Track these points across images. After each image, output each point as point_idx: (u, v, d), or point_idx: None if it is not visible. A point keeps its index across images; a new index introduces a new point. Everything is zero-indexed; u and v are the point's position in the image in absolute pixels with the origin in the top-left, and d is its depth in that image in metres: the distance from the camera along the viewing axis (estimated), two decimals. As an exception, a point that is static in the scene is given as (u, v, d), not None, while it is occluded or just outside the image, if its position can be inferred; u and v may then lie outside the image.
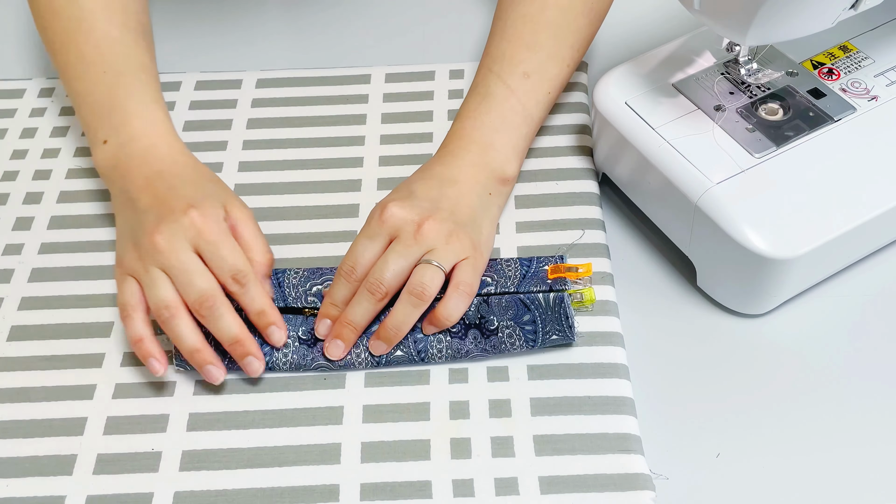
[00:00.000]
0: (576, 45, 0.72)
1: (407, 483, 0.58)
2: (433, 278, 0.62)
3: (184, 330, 0.61)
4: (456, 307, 0.62)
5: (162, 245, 0.61)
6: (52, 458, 0.60)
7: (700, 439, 0.61)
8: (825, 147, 0.66)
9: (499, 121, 0.69)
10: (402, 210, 0.63)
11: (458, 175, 0.67)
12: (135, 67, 0.72)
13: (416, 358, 0.63)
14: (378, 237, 0.63)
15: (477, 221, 0.66)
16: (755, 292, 0.65)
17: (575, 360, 0.63)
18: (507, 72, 0.70)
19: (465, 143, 0.69)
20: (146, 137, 0.69)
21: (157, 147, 0.69)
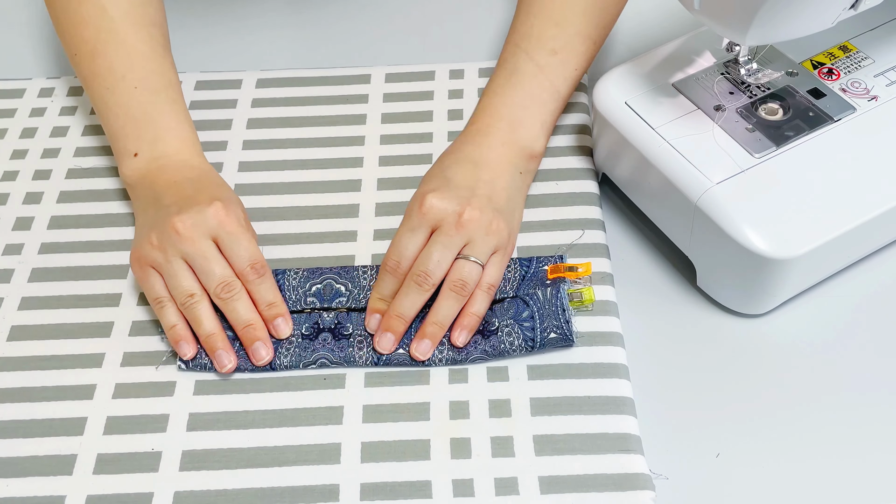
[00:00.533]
0: (602, 23, 0.73)
1: (407, 483, 0.58)
2: (471, 273, 0.63)
3: (203, 315, 0.63)
4: (482, 304, 0.64)
5: (183, 230, 0.63)
6: (52, 458, 0.60)
7: (700, 439, 0.61)
8: (825, 147, 0.66)
9: (527, 97, 0.70)
10: (442, 201, 0.64)
11: (489, 155, 0.68)
12: (166, 85, 0.73)
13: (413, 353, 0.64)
14: (420, 229, 0.64)
15: (512, 204, 0.67)
16: (755, 292, 0.65)
17: (575, 360, 0.63)
18: (535, 48, 0.71)
19: (495, 121, 0.70)
20: (178, 154, 0.71)
21: (188, 162, 0.70)
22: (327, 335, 0.65)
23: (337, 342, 0.64)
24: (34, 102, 0.84)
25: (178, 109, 0.72)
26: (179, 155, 0.70)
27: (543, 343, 0.63)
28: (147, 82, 0.72)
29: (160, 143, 0.71)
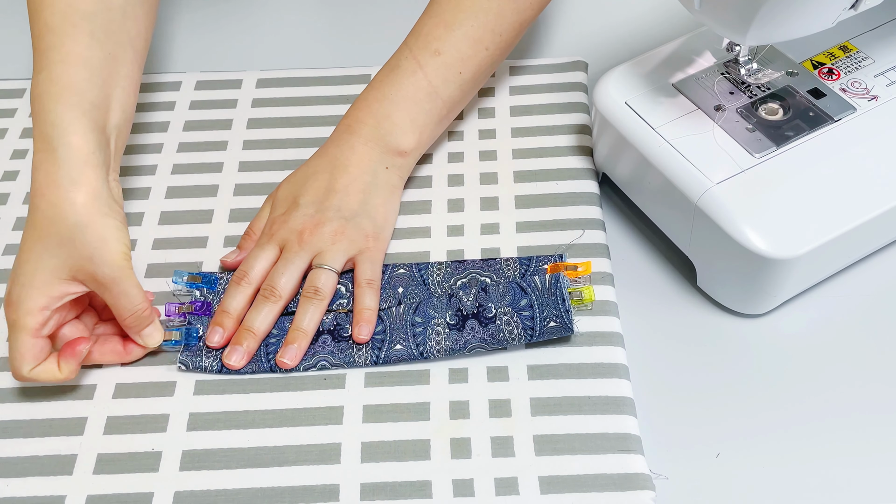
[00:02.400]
0: (498, 29, 0.72)
1: (407, 483, 0.58)
2: (326, 280, 0.65)
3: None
4: (370, 300, 0.65)
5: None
6: (52, 458, 0.60)
7: (700, 439, 0.61)
8: (825, 147, 0.66)
9: (400, 94, 0.71)
10: (285, 224, 0.67)
11: (349, 157, 0.70)
12: (53, 60, 0.64)
13: (415, 352, 0.63)
14: (268, 246, 0.67)
15: (369, 205, 0.69)
16: (755, 292, 0.65)
17: (575, 360, 0.63)
18: (420, 47, 0.71)
19: (364, 115, 0.71)
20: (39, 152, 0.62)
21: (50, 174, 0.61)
22: (327, 337, 0.65)
23: (337, 344, 0.64)
24: (34, 102, 0.84)
25: (49, 89, 0.63)
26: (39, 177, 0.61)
27: (543, 332, 0.63)
28: (39, 61, 0.64)
29: (36, 144, 0.62)
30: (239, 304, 0.65)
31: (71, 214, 0.60)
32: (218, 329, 0.64)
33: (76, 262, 0.60)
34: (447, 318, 0.64)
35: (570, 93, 0.81)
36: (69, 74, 0.63)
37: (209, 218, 0.74)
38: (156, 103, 0.83)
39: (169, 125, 0.81)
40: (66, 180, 0.60)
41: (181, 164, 0.78)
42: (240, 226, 0.73)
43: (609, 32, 0.87)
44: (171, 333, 0.65)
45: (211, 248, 0.72)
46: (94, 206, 0.60)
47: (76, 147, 0.61)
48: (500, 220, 0.72)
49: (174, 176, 0.77)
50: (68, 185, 0.60)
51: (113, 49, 0.66)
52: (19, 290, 0.60)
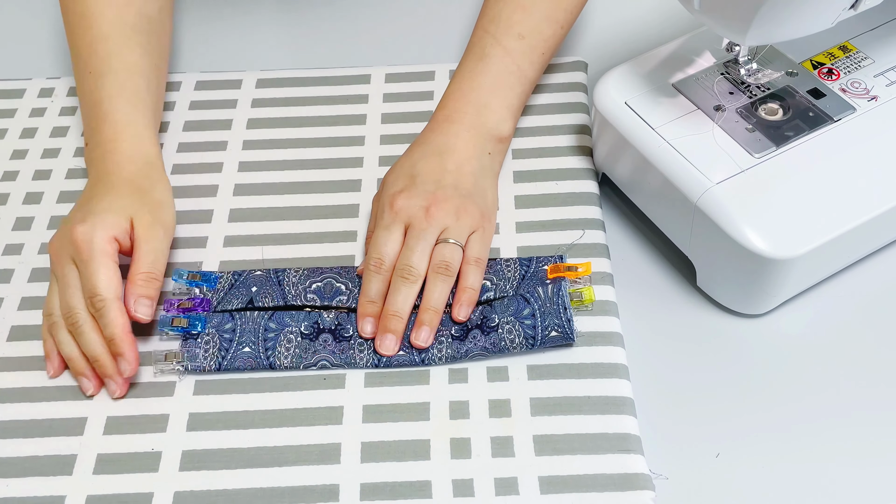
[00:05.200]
0: (569, 7, 0.74)
1: (407, 483, 0.58)
2: (453, 253, 0.65)
3: (62, 338, 0.63)
4: (475, 278, 0.65)
5: (52, 254, 0.65)
6: (52, 458, 0.60)
7: (700, 439, 0.61)
8: (825, 147, 0.66)
9: (494, 81, 0.71)
10: (409, 199, 0.66)
11: (455, 143, 0.69)
12: (118, 67, 0.71)
13: (416, 358, 0.63)
14: (394, 226, 0.66)
15: (480, 187, 0.69)
16: (755, 292, 0.65)
17: (575, 360, 0.63)
18: (503, 33, 0.72)
19: (462, 105, 0.71)
20: (112, 142, 0.69)
21: (115, 153, 0.68)
22: (328, 336, 0.65)
23: (338, 344, 0.64)
24: (34, 102, 0.84)
25: (120, 93, 0.70)
26: (113, 143, 0.69)
27: (544, 341, 0.63)
28: (99, 66, 0.71)
29: (98, 131, 0.70)
30: (381, 289, 0.64)
31: (152, 170, 0.68)
32: (369, 319, 0.64)
33: (143, 207, 0.65)
34: (452, 331, 0.64)
35: (569, 93, 0.81)
36: (134, 81, 0.70)
37: (209, 218, 0.74)
38: (156, 103, 0.83)
39: (169, 125, 0.81)
40: (146, 147, 0.69)
41: (181, 165, 0.78)
42: (240, 226, 0.73)
43: (609, 32, 0.87)
44: (179, 320, 0.65)
45: (211, 248, 0.72)
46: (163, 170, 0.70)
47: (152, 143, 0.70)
48: (501, 220, 0.72)
49: (174, 176, 0.77)
50: (150, 149, 0.69)
51: (157, 60, 0.73)
52: (91, 226, 0.63)
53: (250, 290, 0.67)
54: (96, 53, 0.71)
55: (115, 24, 0.72)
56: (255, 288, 0.67)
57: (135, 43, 0.72)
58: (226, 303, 0.67)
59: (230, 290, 0.67)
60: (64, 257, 0.63)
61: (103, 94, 0.70)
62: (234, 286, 0.68)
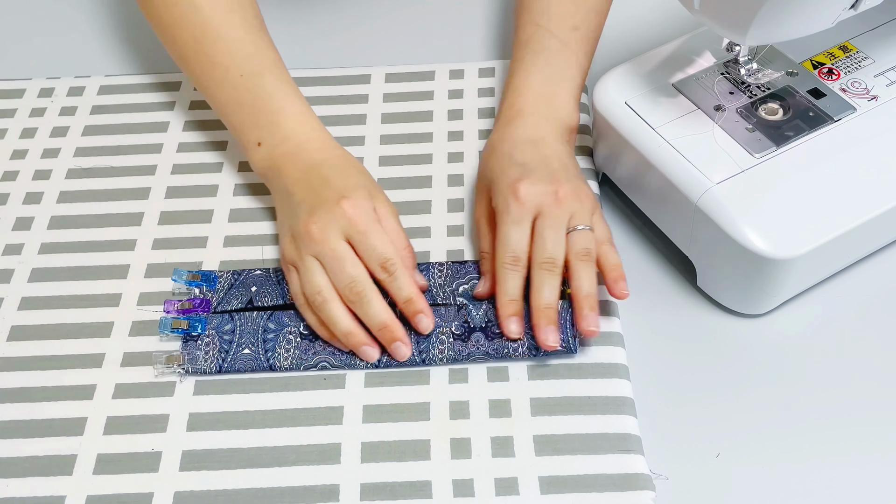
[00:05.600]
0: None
1: (407, 483, 0.58)
2: (588, 240, 0.63)
3: (338, 314, 0.62)
4: (613, 256, 0.64)
5: (315, 233, 0.63)
6: (52, 458, 0.60)
7: (700, 439, 0.61)
8: (825, 147, 0.66)
9: (558, 74, 0.72)
10: (535, 185, 0.64)
11: (541, 133, 0.69)
12: (269, 65, 0.72)
13: (417, 358, 0.63)
14: (524, 220, 0.63)
15: (578, 171, 0.68)
16: (755, 292, 0.65)
17: (575, 360, 0.63)
18: (557, 26, 0.73)
19: (532, 99, 0.71)
20: (298, 135, 0.70)
21: (309, 142, 0.70)
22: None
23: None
24: (34, 102, 0.84)
25: (285, 88, 0.71)
26: (299, 136, 0.70)
27: (546, 352, 0.63)
28: (250, 67, 0.71)
29: (277, 127, 0.70)
30: (520, 286, 0.63)
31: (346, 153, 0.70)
32: (514, 318, 0.62)
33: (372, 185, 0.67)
34: (452, 328, 0.64)
35: (570, 93, 0.81)
36: (286, 75, 0.72)
37: (209, 218, 0.74)
38: (156, 103, 0.83)
39: (169, 125, 0.81)
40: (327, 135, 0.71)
41: (181, 165, 0.78)
42: (240, 226, 0.73)
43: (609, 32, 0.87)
44: (179, 322, 0.65)
45: (211, 248, 0.72)
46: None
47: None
48: (500, 220, 0.72)
49: (174, 176, 0.77)
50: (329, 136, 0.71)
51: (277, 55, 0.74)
52: (357, 199, 0.64)
53: (249, 290, 0.67)
54: (240, 57, 0.71)
55: (245, 27, 0.73)
56: (255, 288, 0.67)
57: (266, 40, 0.74)
58: (225, 303, 0.67)
59: (230, 290, 0.67)
60: (332, 234, 0.63)
61: (266, 91, 0.71)
62: (233, 286, 0.68)
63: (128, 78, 0.86)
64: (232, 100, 0.72)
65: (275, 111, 0.70)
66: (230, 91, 0.72)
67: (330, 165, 0.68)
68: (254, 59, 0.72)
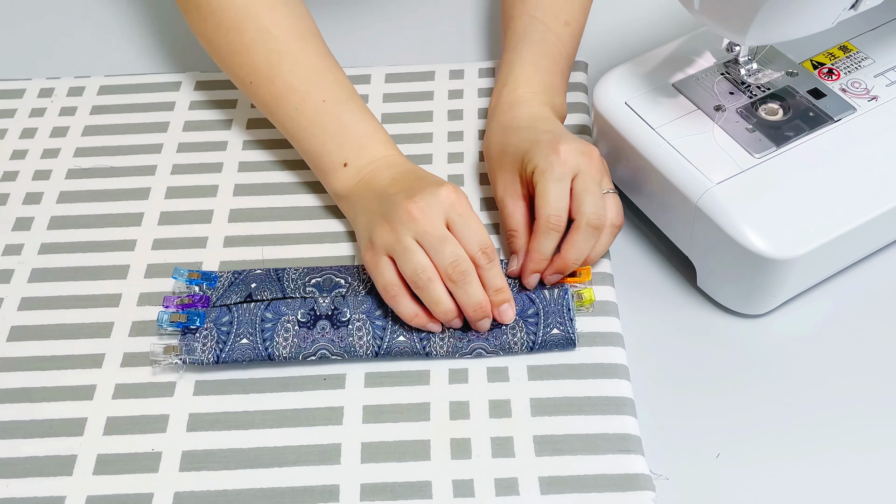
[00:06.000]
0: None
1: (407, 483, 0.58)
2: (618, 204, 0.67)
3: (441, 294, 0.63)
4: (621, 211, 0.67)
5: (416, 213, 0.63)
6: (52, 458, 0.60)
7: (700, 439, 0.61)
8: (825, 147, 0.66)
9: (553, 66, 0.74)
10: (572, 145, 0.66)
11: (543, 114, 0.71)
12: (349, 94, 0.74)
13: (418, 345, 0.63)
14: (565, 178, 0.65)
15: None
16: (755, 292, 0.65)
17: (575, 360, 0.63)
18: (551, 20, 0.76)
19: (534, 87, 0.73)
20: (386, 157, 0.71)
21: (397, 161, 0.71)
22: (325, 323, 0.65)
23: (336, 331, 0.64)
24: (34, 102, 0.84)
25: (368, 116, 0.73)
26: (387, 158, 0.71)
27: (546, 340, 0.63)
28: (333, 94, 0.73)
29: (366, 150, 0.71)
30: (554, 247, 0.65)
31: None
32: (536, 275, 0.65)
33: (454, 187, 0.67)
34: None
35: (570, 93, 0.81)
36: (364, 105, 0.74)
37: (209, 218, 0.74)
38: (156, 103, 0.83)
39: (169, 125, 0.81)
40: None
41: (181, 165, 0.78)
42: (240, 226, 0.73)
43: (609, 32, 0.87)
44: (177, 315, 0.65)
45: (211, 248, 0.72)
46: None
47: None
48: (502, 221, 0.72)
49: (174, 176, 0.77)
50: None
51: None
52: (452, 187, 0.65)
53: (249, 286, 0.67)
54: (322, 84, 0.73)
55: (319, 55, 0.74)
56: (255, 284, 0.67)
57: (341, 69, 0.75)
58: (224, 298, 0.67)
59: (229, 287, 0.67)
60: (434, 214, 0.63)
61: (351, 117, 0.72)
62: (233, 283, 0.68)
63: (128, 78, 0.86)
64: (314, 124, 0.72)
65: (362, 136, 0.72)
66: (312, 116, 0.72)
67: (418, 172, 0.69)
68: (335, 88, 0.73)
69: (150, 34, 0.92)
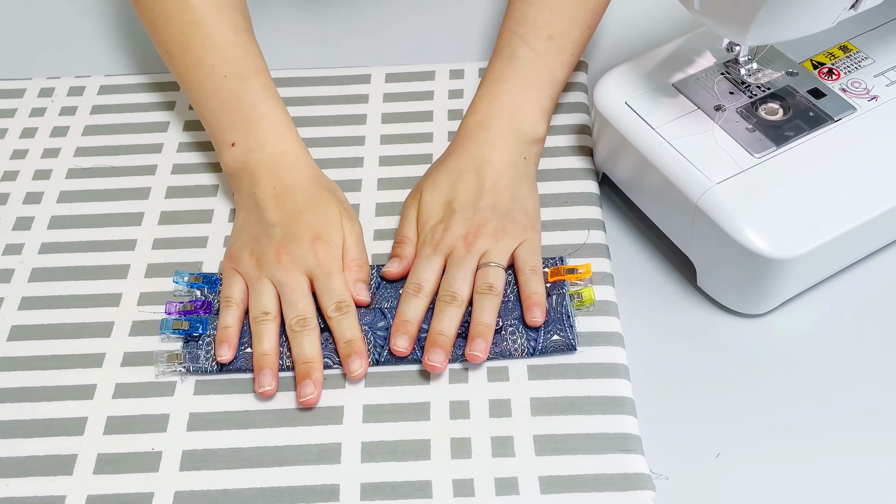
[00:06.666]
0: (596, 8, 0.75)
1: (407, 483, 0.58)
2: (496, 276, 0.65)
3: (270, 334, 0.64)
4: (537, 285, 0.65)
5: (285, 264, 0.65)
6: (52, 458, 0.60)
7: (700, 439, 0.61)
8: (825, 147, 0.66)
9: (526, 83, 0.72)
10: (448, 230, 0.67)
11: (491, 154, 0.70)
12: (254, 70, 0.73)
13: (418, 353, 0.63)
14: (434, 257, 0.67)
15: (519, 199, 0.69)
16: (755, 292, 0.65)
17: (575, 360, 0.63)
18: (532, 34, 0.73)
19: (495, 109, 0.71)
20: (274, 145, 0.71)
21: (285, 156, 0.71)
22: (328, 335, 0.65)
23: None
24: (34, 102, 0.84)
25: (268, 95, 0.72)
26: (276, 147, 0.71)
27: (546, 346, 0.63)
28: (235, 69, 0.72)
29: (255, 133, 0.71)
30: (419, 312, 0.65)
31: (319, 170, 0.73)
32: (404, 336, 0.64)
33: (341, 207, 0.70)
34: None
35: (570, 93, 0.81)
36: (270, 83, 0.73)
37: (209, 218, 0.74)
38: (155, 103, 0.83)
39: (169, 125, 0.81)
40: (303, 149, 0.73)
41: (181, 165, 0.78)
42: (240, 226, 0.73)
43: (609, 32, 0.87)
44: (180, 322, 0.65)
45: (211, 248, 0.72)
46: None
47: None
48: (500, 220, 0.72)
49: (174, 176, 0.77)
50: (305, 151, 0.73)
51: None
52: (328, 243, 0.67)
53: (250, 290, 0.67)
54: (227, 58, 0.72)
55: (234, 29, 0.74)
56: (256, 288, 0.67)
57: (255, 46, 0.75)
58: (226, 303, 0.67)
59: (230, 291, 0.68)
60: (299, 268, 0.66)
61: (249, 96, 0.72)
62: (234, 286, 0.68)
63: (128, 78, 0.86)
64: (213, 98, 0.72)
65: (255, 117, 0.71)
66: (212, 90, 0.72)
67: (303, 189, 0.69)
68: (240, 63, 0.73)
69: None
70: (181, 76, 0.75)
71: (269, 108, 0.72)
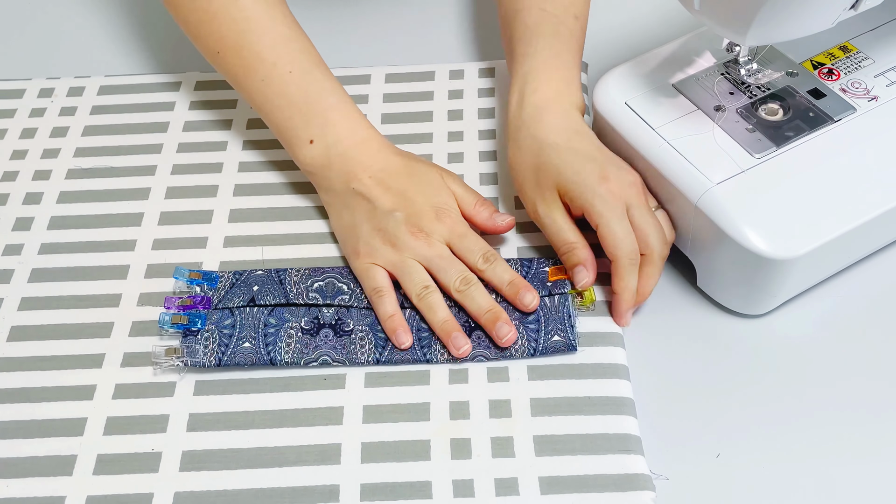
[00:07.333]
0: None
1: (407, 483, 0.58)
2: (667, 219, 0.68)
3: (440, 302, 0.65)
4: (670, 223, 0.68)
5: (422, 239, 0.67)
6: (52, 458, 0.60)
7: (700, 439, 0.61)
8: (825, 147, 0.66)
9: (570, 61, 0.72)
10: (618, 179, 0.66)
11: (578, 122, 0.70)
12: (315, 62, 0.73)
13: (419, 353, 0.63)
14: (624, 216, 0.65)
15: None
16: (755, 292, 0.65)
17: (575, 360, 0.63)
18: (563, 14, 0.74)
19: (557, 86, 0.70)
20: (354, 134, 0.71)
21: (367, 142, 0.71)
22: (328, 331, 0.65)
23: (339, 339, 0.64)
24: (34, 102, 0.84)
25: (333, 85, 0.72)
26: (355, 137, 0.71)
27: (546, 346, 0.63)
28: (299, 64, 0.72)
29: (330, 126, 0.71)
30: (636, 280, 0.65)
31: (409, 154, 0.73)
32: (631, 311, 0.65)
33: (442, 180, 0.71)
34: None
35: (570, 93, 0.81)
36: (331, 75, 0.73)
37: (209, 218, 0.74)
38: (156, 103, 0.83)
39: (169, 125, 0.81)
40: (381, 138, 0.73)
41: (181, 165, 0.78)
42: (240, 226, 0.73)
43: (609, 32, 0.87)
44: (179, 317, 0.65)
45: (211, 249, 0.72)
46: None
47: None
48: (500, 221, 0.72)
49: (174, 176, 0.77)
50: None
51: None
52: (445, 187, 0.69)
53: (251, 288, 0.67)
54: (288, 53, 0.72)
55: (287, 23, 0.73)
56: (257, 287, 0.67)
57: (307, 37, 0.74)
58: (227, 300, 0.67)
59: (231, 289, 0.67)
60: (438, 243, 0.67)
61: (316, 88, 0.72)
62: (235, 285, 0.68)
63: (128, 78, 0.86)
64: (280, 96, 0.72)
65: (326, 109, 0.71)
66: (278, 87, 0.72)
67: (396, 168, 0.70)
68: (301, 57, 0.72)
69: (150, 34, 0.92)
70: (237, 75, 0.73)
71: (336, 98, 0.72)
